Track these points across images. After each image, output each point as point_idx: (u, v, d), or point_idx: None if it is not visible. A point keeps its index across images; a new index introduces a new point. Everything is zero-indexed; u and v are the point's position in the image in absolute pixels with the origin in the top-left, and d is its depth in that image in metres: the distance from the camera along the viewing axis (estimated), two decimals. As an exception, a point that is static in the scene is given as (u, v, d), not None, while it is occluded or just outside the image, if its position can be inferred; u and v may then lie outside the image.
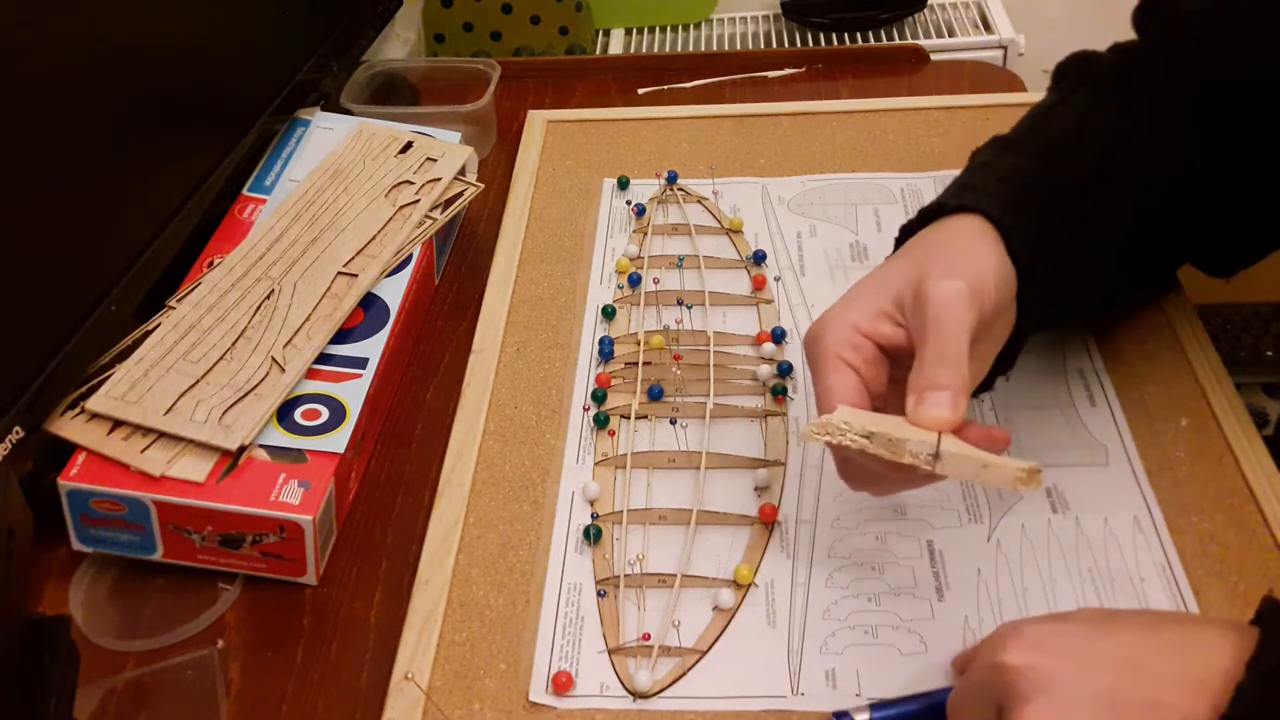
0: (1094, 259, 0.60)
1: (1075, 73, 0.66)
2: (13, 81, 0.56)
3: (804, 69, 0.99)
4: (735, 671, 0.53)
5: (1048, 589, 0.55)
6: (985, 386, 0.58)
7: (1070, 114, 0.63)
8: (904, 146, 0.86)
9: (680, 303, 0.73)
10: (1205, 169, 0.62)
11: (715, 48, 1.28)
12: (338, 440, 0.60)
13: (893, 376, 0.53)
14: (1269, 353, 1.41)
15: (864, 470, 0.52)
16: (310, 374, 0.63)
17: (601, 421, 0.65)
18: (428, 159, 0.78)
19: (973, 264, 0.52)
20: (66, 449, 0.58)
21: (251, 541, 0.57)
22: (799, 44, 1.26)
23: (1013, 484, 0.47)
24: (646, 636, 0.54)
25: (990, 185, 0.57)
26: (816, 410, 0.52)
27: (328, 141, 0.79)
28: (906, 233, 0.58)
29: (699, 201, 0.82)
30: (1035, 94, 0.91)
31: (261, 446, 0.59)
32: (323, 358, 0.65)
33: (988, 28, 1.25)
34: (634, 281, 0.74)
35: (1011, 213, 0.55)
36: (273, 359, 0.63)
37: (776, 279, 0.75)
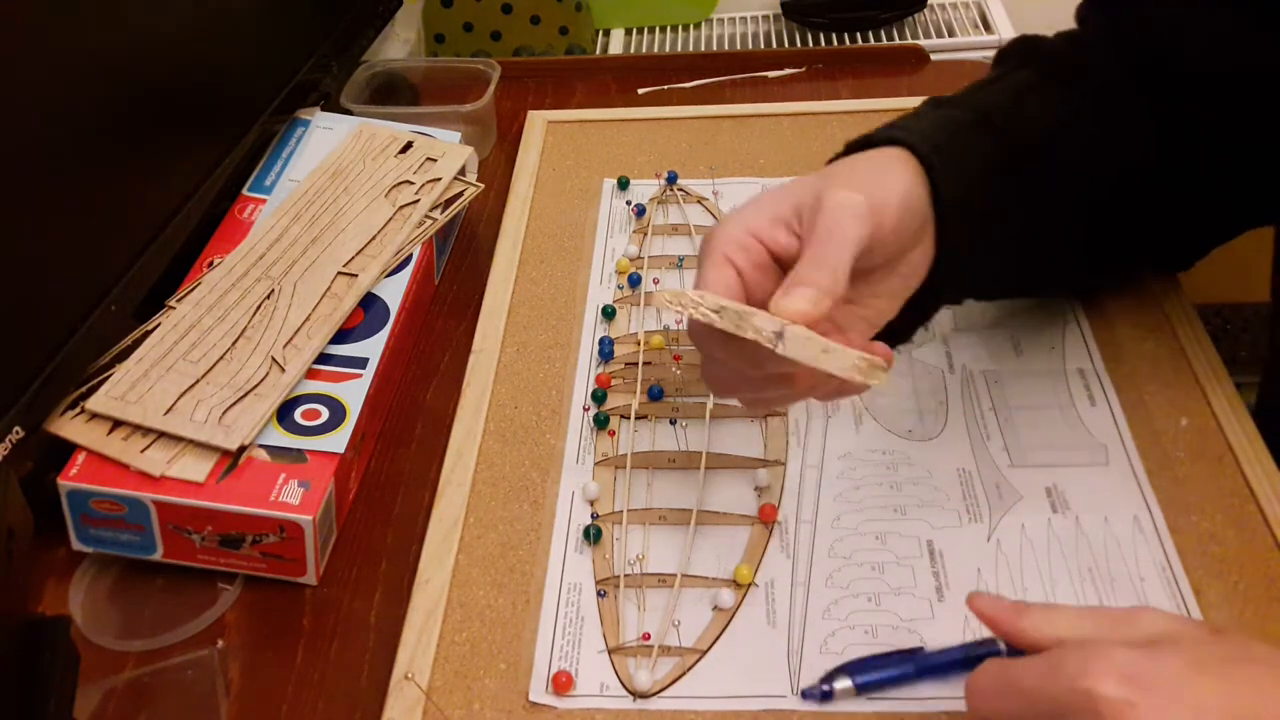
0: (1028, 235, 0.59)
1: (1019, 54, 0.66)
2: (13, 81, 0.56)
3: (804, 69, 0.99)
4: (735, 671, 0.53)
5: (1048, 589, 0.55)
6: (902, 337, 0.57)
7: (1008, 89, 0.62)
8: (904, 146, 0.86)
9: (680, 303, 0.72)
10: (1156, 161, 0.62)
11: (715, 48, 1.28)
12: (338, 440, 0.60)
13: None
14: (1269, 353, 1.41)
15: (723, 371, 0.51)
16: (310, 374, 0.63)
17: (601, 421, 0.65)
18: (428, 159, 0.78)
19: (878, 183, 0.51)
20: (66, 449, 0.58)
21: (251, 541, 0.57)
22: (799, 44, 1.26)
23: (850, 372, 0.46)
24: (646, 636, 0.54)
25: (920, 126, 0.56)
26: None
27: (328, 141, 0.79)
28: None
29: (699, 202, 0.82)
30: (1035, 94, 0.91)
31: (261, 446, 0.59)
32: (323, 358, 0.65)
33: (988, 28, 1.25)
34: (634, 282, 0.74)
35: (937, 152, 0.54)
36: (273, 359, 0.63)
37: (776, 279, 0.74)
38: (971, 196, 0.54)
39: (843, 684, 0.51)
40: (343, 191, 0.75)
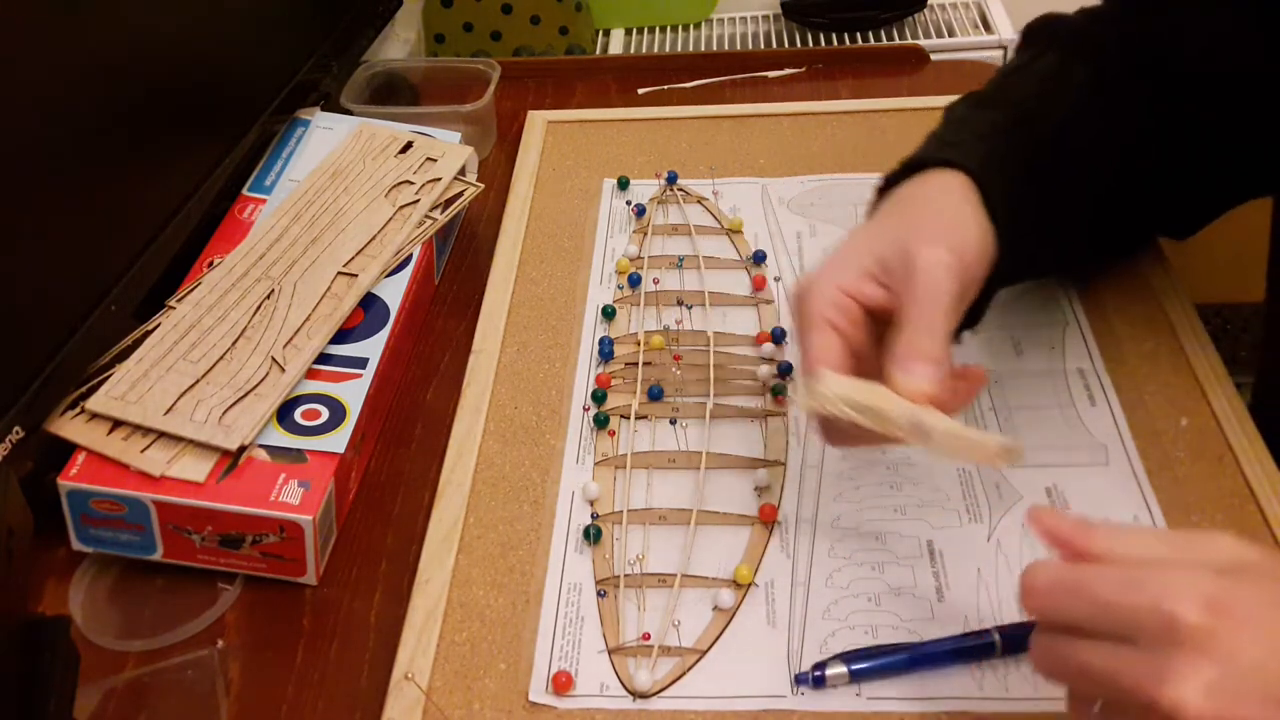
0: (1055, 219, 0.61)
1: (1044, 35, 0.68)
2: (13, 81, 0.56)
3: (804, 69, 0.99)
4: (735, 671, 0.52)
5: (1048, 589, 0.55)
6: (952, 340, 0.58)
7: (1036, 76, 0.65)
8: (904, 146, 0.84)
9: (680, 303, 0.73)
10: (1160, 140, 0.63)
11: (715, 48, 1.28)
12: (338, 440, 0.60)
13: (875, 334, 0.54)
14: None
15: (845, 432, 0.53)
16: (310, 374, 0.63)
17: (601, 421, 0.65)
18: (428, 159, 0.78)
19: (958, 230, 0.53)
20: (66, 449, 0.58)
21: (251, 541, 0.57)
22: (799, 44, 1.27)
23: (992, 460, 0.49)
24: (646, 636, 0.54)
25: (970, 141, 0.58)
26: (801, 368, 0.53)
27: (328, 141, 0.79)
28: (890, 182, 0.59)
29: (699, 202, 0.82)
30: (1035, 94, 0.91)
31: (261, 446, 0.59)
32: (323, 358, 0.65)
33: (988, 28, 1.25)
34: (634, 282, 0.74)
35: (990, 170, 0.56)
36: (273, 359, 0.63)
37: (776, 279, 0.75)
38: (1013, 205, 0.56)
39: (836, 670, 0.51)
40: (343, 191, 0.75)
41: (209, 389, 0.61)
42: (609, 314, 0.72)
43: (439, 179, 0.76)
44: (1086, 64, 0.64)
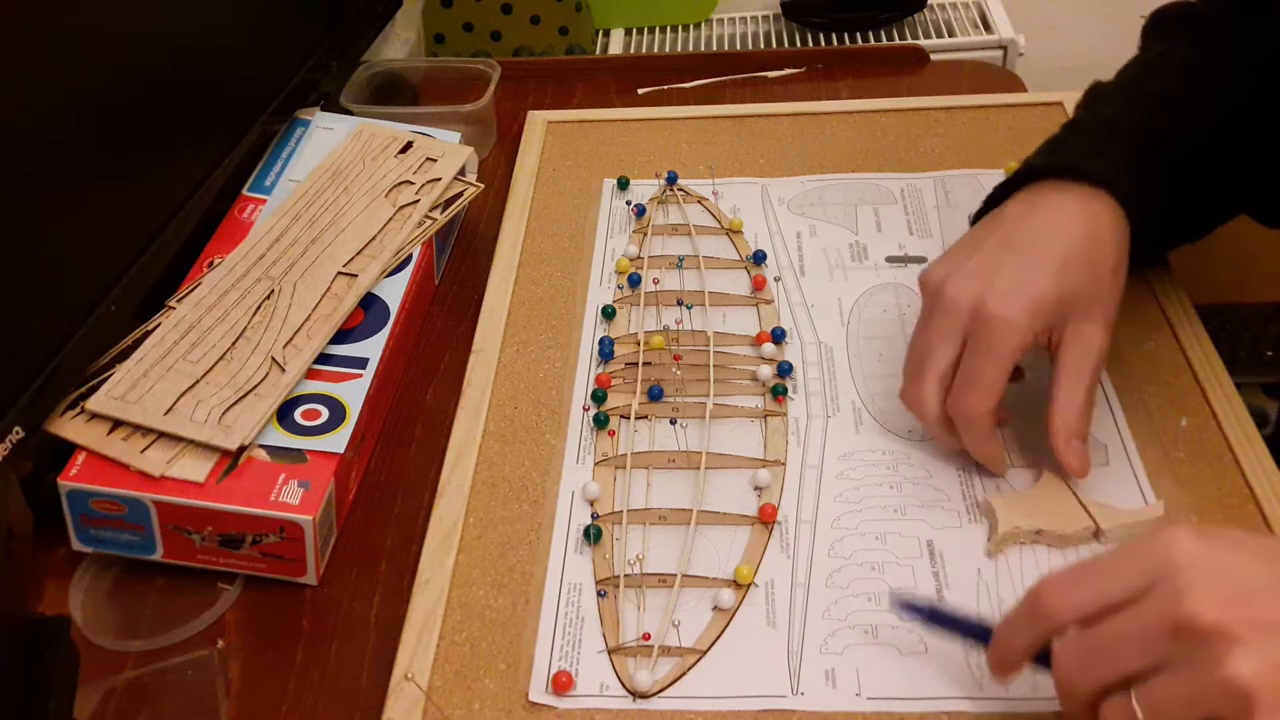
0: (1176, 208, 0.63)
1: (1171, 24, 0.69)
2: (13, 81, 0.56)
3: (804, 69, 0.99)
4: (735, 671, 0.52)
5: (1048, 589, 0.55)
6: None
7: (1170, 71, 0.66)
8: (904, 146, 0.86)
9: (680, 303, 0.73)
10: (1261, 115, 0.64)
11: (715, 48, 1.28)
12: (338, 440, 0.60)
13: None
14: (1269, 353, 1.41)
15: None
16: (310, 374, 0.63)
17: (601, 421, 0.65)
18: (428, 159, 0.78)
19: (1115, 289, 0.58)
20: (66, 449, 0.58)
21: (251, 541, 0.57)
22: (799, 44, 1.26)
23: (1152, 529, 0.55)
24: (646, 636, 0.54)
25: (1114, 152, 0.61)
26: (970, 387, 0.57)
27: (328, 141, 0.79)
28: (1032, 174, 0.61)
29: (699, 202, 0.82)
30: (1035, 94, 0.91)
31: (261, 446, 0.59)
32: (323, 358, 0.65)
33: (988, 28, 1.25)
34: (634, 282, 0.74)
35: (1134, 187, 0.59)
36: (273, 359, 0.63)
37: (776, 279, 0.75)
38: (1150, 206, 0.60)
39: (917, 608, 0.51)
40: (343, 191, 0.75)
41: (209, 389, 0.61)
42: (609, 314, 0.72)
43: (439, 179, 0.76)
44: (1212, 50, 0.65)
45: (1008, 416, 0.60)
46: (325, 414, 0.62)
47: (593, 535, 0.58)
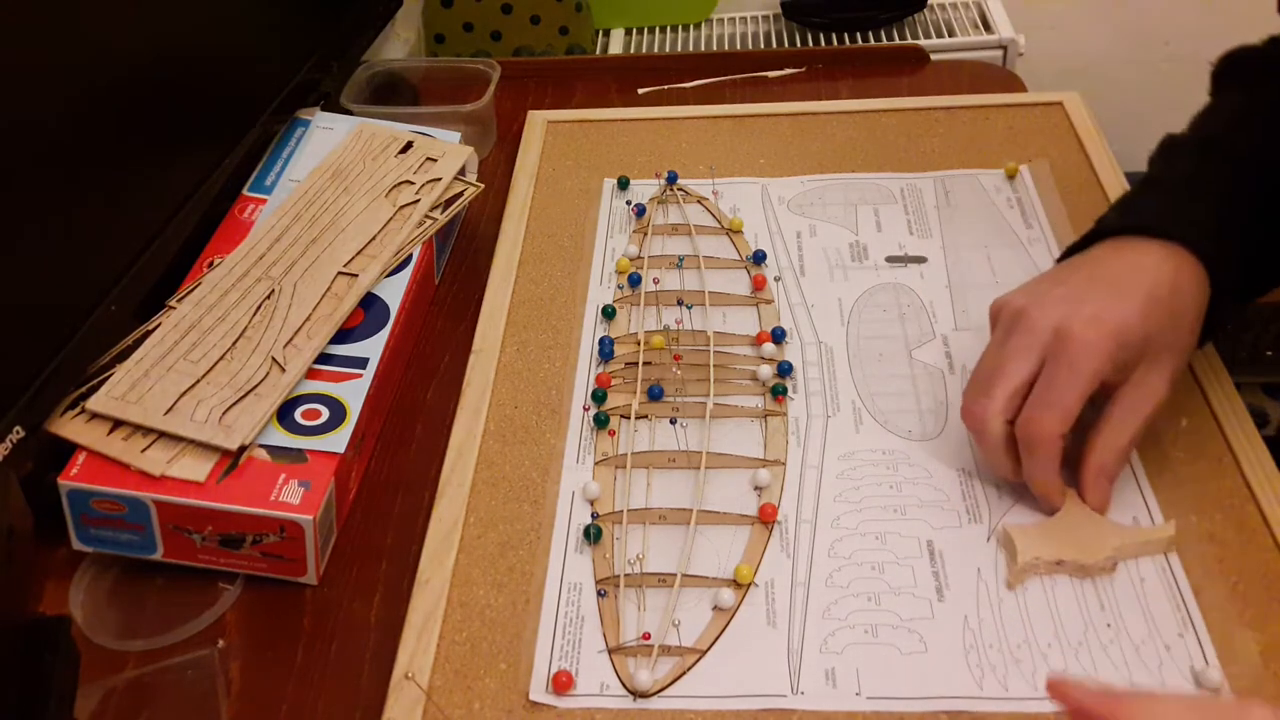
0: (1255, 262, 0.61)
1: (1244, 70, 0.68)
2: (13, 81, 0.56)
3: (804, 69, 0.99)
4: (735, 671, 0.53)
5: (1047, 589, 0.55)
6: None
7: (1248, 119, 0.65)
8: (904, 146, 0.86)
9: (680, 303, 0.73)
10: None
11: (715, 48, 1.28)
12: (338, 440, 0.60)
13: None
14: (1269, 353, 1.41)
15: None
16: (310, 374, 0.63)
17: (601, 421, 0.65)
18: (428, 159, 0.78)
19: (1189, 344, 0.58)
20: (66, 449, 0.58)
21: (252, 541, 0.57)
22: (799, 44, 1.26)
23: (1165, 550, 0.56)
24: (646, 636, 0.54)
25: (1197, 211, 0.60)
26: (1045, 405, 0.55)
27: (328, 141, 0.79)
28: (1105, 233, 0.61)
29: (699, 201, 0.82)
30: (1035, 94, 0.91)
31: (262, 446, 0.59)
32: (323, 358, 0.65)
33: (988, 28, 1.25)
34: (634, 281, 0.74)
35: (1217, 255, 0.58)
36: (273, 359, 0.63)
37: (776, 279, 0.75)
38: (1232, 265, 0.59)
39: None
40: (343, 191, 0.75)
41: (209, 389, 0.61)
42: (609, 314, 0.72)
43: (439, 179, 0.76)
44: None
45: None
46: (325, 414, 0.62)
47: (593, 535, 0.58)
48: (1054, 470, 0.56)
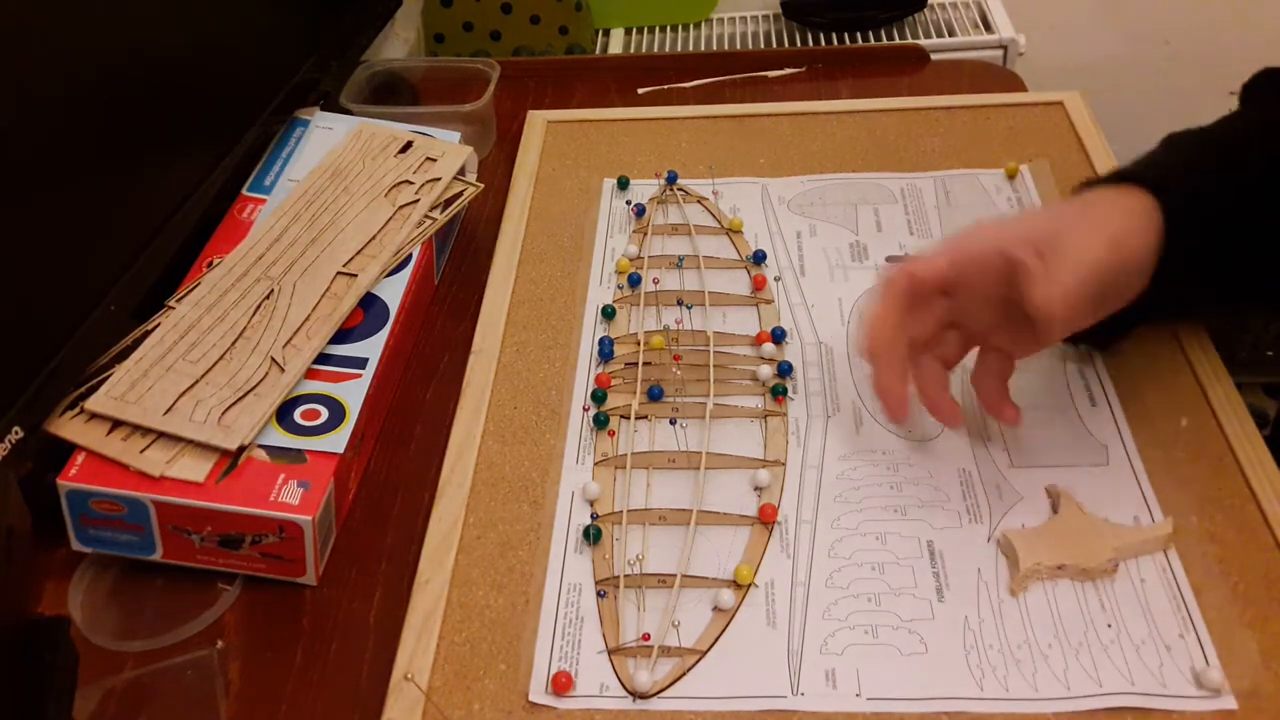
0: (1250, 258, 0.60)
1: (1267, 88, 0.68)
2: (13, 81, 0.56)
3: (804, 69, 0.99)
4: (735, 672, 0.52)
5: (1048, 590, 0.55)
6: (1100, 344, 0.64)
7: (1253, 120, 0.65)
8: (904, 146, 0.86)
9: (680, 303, 0.73)
10: None
11: (715, 48, 1.28)
12: (337, 440, 0.60)
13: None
14: (1269, 352, 1.41)
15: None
16: (310, 374, 0.63)
17: (601, 422, 0.64)
18: (427, 159, 0.78)
19: (1121, 234, 0.55)
20: (66, 449, 0.58)
21: (251, 542, 0.57)
22: (799, 44, 1.26)
23: (1164, 547, 0.56)
24: (646, 637, 0.54)
25: (1170, 165, 0.60)
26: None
27: (327, 141, 0.79)
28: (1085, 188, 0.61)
29: (699, 201, 0.82)
30: (1035, 94, 0.91)
31: (261, 446, 0.59)
32: (322, 358, 0.65)
33: (988, 28, 1.25)
34: (634, 281, 0.74)
35: (1180, 195, 0.57)
36: (272, 359, 0.63)
37: (776, 279, 0.74)
38: (1202, 229, 0.58)
39: None
40: (342, 191, 0.75)
41: (208, 389, 0.61)
42: (609, 314, 0.72)
43: (439, 179, 0.76)
44: None
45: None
46: (325, 414, 0.62)
47: (592, 535, 0.58)
48: (889, 310, 0.57)
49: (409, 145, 0.79)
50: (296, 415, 0.61)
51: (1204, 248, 0.58)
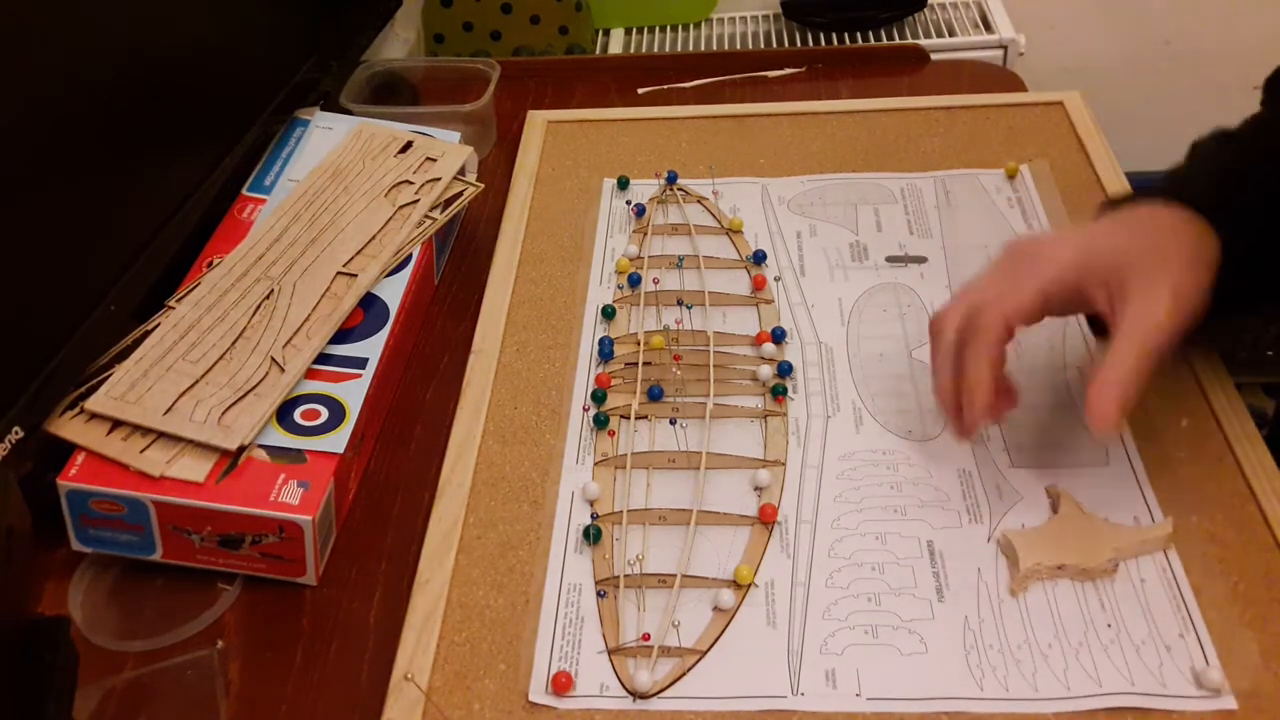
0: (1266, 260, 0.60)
1: None
2: (13, 81, 0.56)
3: (804, 69, 0.99)
4: (735, 672, 0.52)
5: (1048, 590, 0.55)
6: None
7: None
8: (904, 146, 0.86)
9: (680, 303, 0.73)
10: None
11: (715, 48, 1.28)
12: (337, 440, 0.60)
13: None
14: (1269, 352, 1.41)
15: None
16: (310, 374, 0.63)
17: (601, 422, 0.64)
18: (427, 159, 0.78)
19: (1187, 275, 0.55)
20: (66, 449, 0.58)
21: (251, 542, 0.57)
22: (799, 44, 1.27)
23: (1163, 547, 0.56)
24: (646, 637, 0.54)
25: (1204, 178, 0.60)
26: (1000, 296, 0.56)
27: (327, 141, 0.79)
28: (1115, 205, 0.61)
29: (699, 201, 0.82)
30: (1035, 94, 0.91)
31: (261, 446, 0.59)
32: (322, 358, 0.65)
33: (988, 28, 1.25)
34: (634, 281, 0.74)
35: (1223, 207, 0.57)
36: (272, 359, 0.63)
37: (776, 279, 0.75)
38: (1249, 236, 0.57)
39: None
40: (342, 191, 0.75)
41: (208, 389, 0.61)
42: (609, 314, 0.72)
43: (439, 179, 0.76)
44: None
45: (1011, 406, 0.59)
46: (325, 414, 0.62)
47: (592, 535, 0.58)
48: (986, 363, 0.55)
49: (409, 145, 0.79)
50: (296, 415, 0.61)
51: (1261, 266, 0.58)
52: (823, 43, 1.26)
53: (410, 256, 0.72)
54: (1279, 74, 0.68)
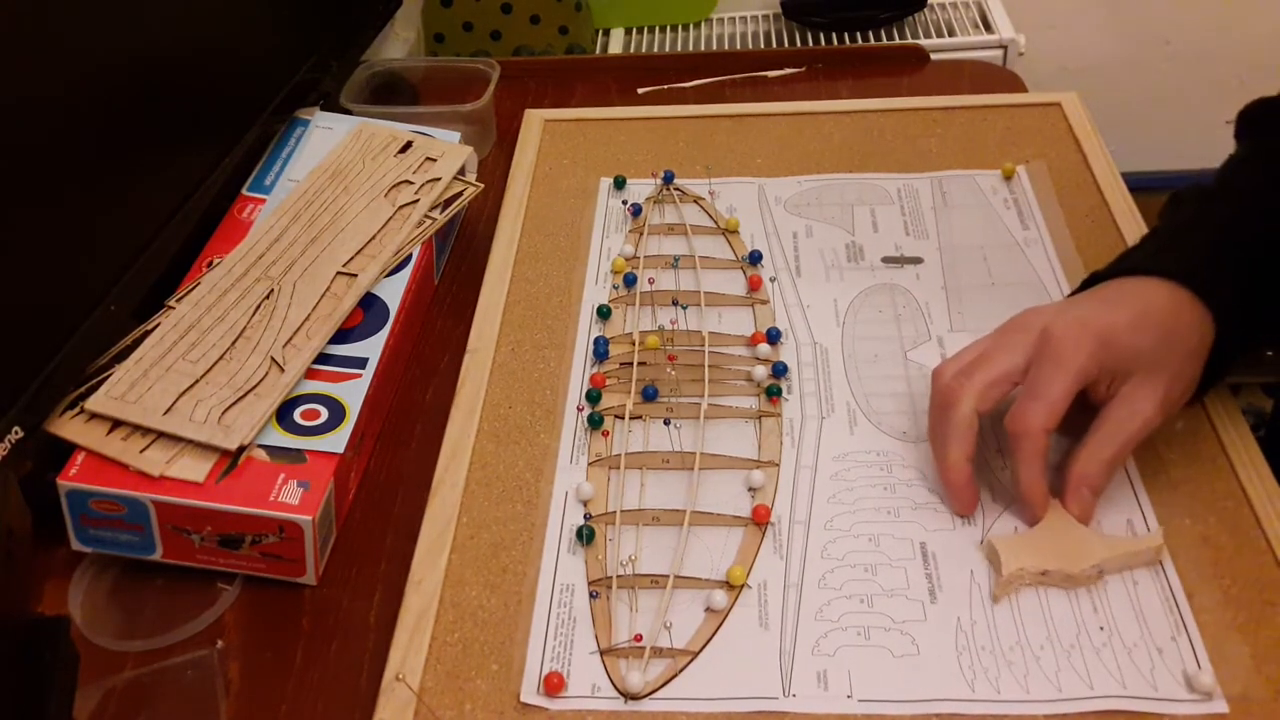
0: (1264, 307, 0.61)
1: (1265, 120, 0.68)
2: (13, 81, 0.56)
3: (804, 69, 0.99)
4: (727, 673, 0.53)
5: (1040, 592, 0.55)
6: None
7: (1253, 166, 0.65)
8: (901, 147, 0.86)
9: (676, 303, 0.73)
10: None
11: (715, 48, 1.28)
12: (337, 440, 0.60)
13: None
14: (1268, 353, 1.41)
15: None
16: (310, 374, 0.64)
17: (596, 422, 0.65)
18: (427, 159, 0.78)
19: (1184, 371, 0.58)
20: (66, 449, 0.58)
21: (251, 542, 0.58)
22: (799, 44, 1.27)
23: (1151, 561, 0.56)
24: (638, 637, 0.54)
25: (1189, 248, 0.60)
26: (1035, 398, 0.56)
27: (327, 141, 0.79)
28: (1101, 278, 0.61)
29: (695, 201, 0.82)
30: (1035, 94, 0.91)
31: (261, 446, 0.60)
32: (322, 358, 0.65)
33: (988, 28, 1.25)
34: (629, 281, 0.74)
35: (1212, 279, 0.58)
36: (272, 359, 0.63)
37: (772, 279, 0.75)
38: (1239, 299, 0.59)
39: None
40: (342, 191, 0.75)
41: (208, 389, 0.61)
42: (604, 314, 0.72)
43: (438, 179, 0.76)
44: None
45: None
46: (325, 414, 0.62)
47: (586, 536, 0.58)
48: (1039, 469, 0.56)
49: (409, 145, 0.79)
50: (296, 415, 0.62)
51: (1244, 313, 0.59)
52: (823, 43, 1.26)
53: (410, 256, 0.72)
54: (1252, 109, 0.68)
